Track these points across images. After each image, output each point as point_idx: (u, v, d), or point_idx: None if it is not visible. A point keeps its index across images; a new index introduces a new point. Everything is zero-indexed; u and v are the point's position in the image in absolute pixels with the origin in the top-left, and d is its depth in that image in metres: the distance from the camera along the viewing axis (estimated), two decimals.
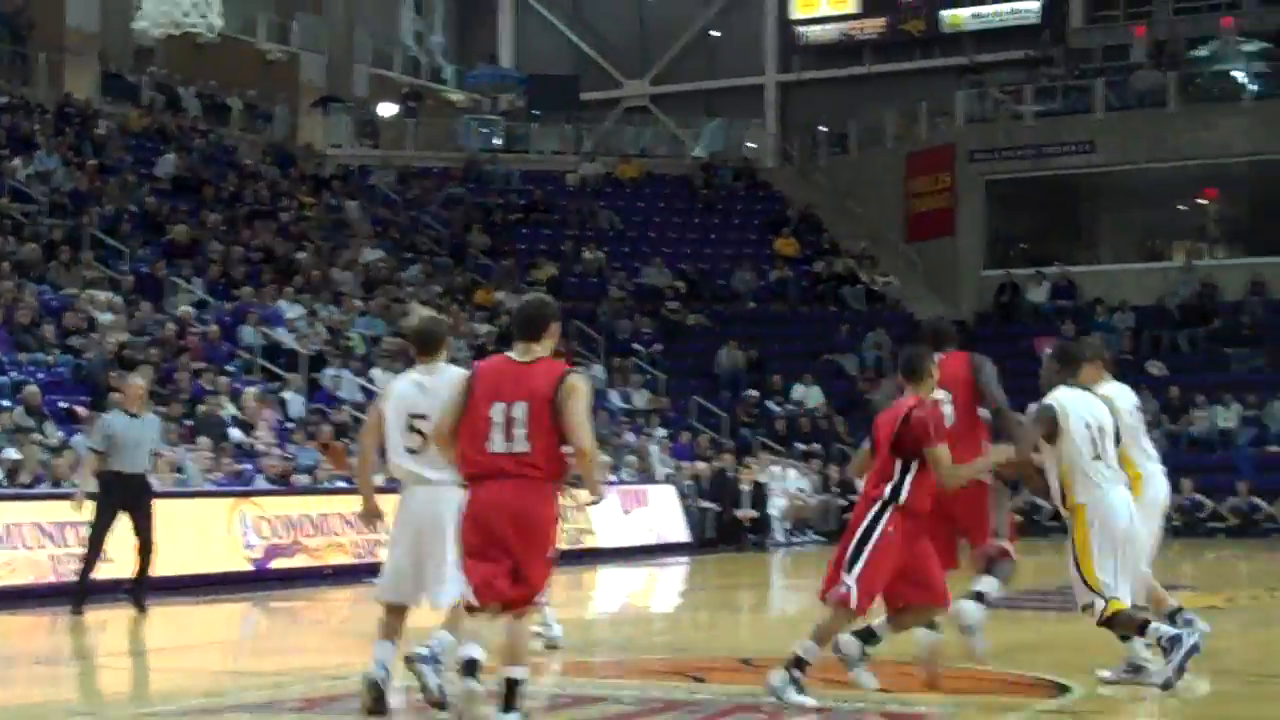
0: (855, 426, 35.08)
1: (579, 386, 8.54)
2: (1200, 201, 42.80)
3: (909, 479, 9.48)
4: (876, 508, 9.53)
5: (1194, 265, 39.99)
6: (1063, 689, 9.98)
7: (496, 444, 8.35)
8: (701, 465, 29.32)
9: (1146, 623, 9.71)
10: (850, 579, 9.51)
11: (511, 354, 8.66)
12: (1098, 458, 9.74)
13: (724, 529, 28.34)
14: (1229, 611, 15.67)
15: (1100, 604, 9.60)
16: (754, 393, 34.85)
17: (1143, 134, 40.18)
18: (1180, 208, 43.21)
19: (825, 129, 47.12)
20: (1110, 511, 9.69)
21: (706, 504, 28.34)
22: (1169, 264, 40.94)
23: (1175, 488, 31.52)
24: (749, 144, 48.36)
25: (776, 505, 29.34)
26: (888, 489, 9.50)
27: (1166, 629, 9.63)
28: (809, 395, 35.32)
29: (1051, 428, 9.79)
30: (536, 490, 8.36)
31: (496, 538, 8.29)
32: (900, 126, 44.84)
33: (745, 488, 28.59)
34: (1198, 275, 39.34)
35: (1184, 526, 30.40)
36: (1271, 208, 41.65)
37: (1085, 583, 9.67)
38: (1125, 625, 9.69)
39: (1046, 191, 42.51)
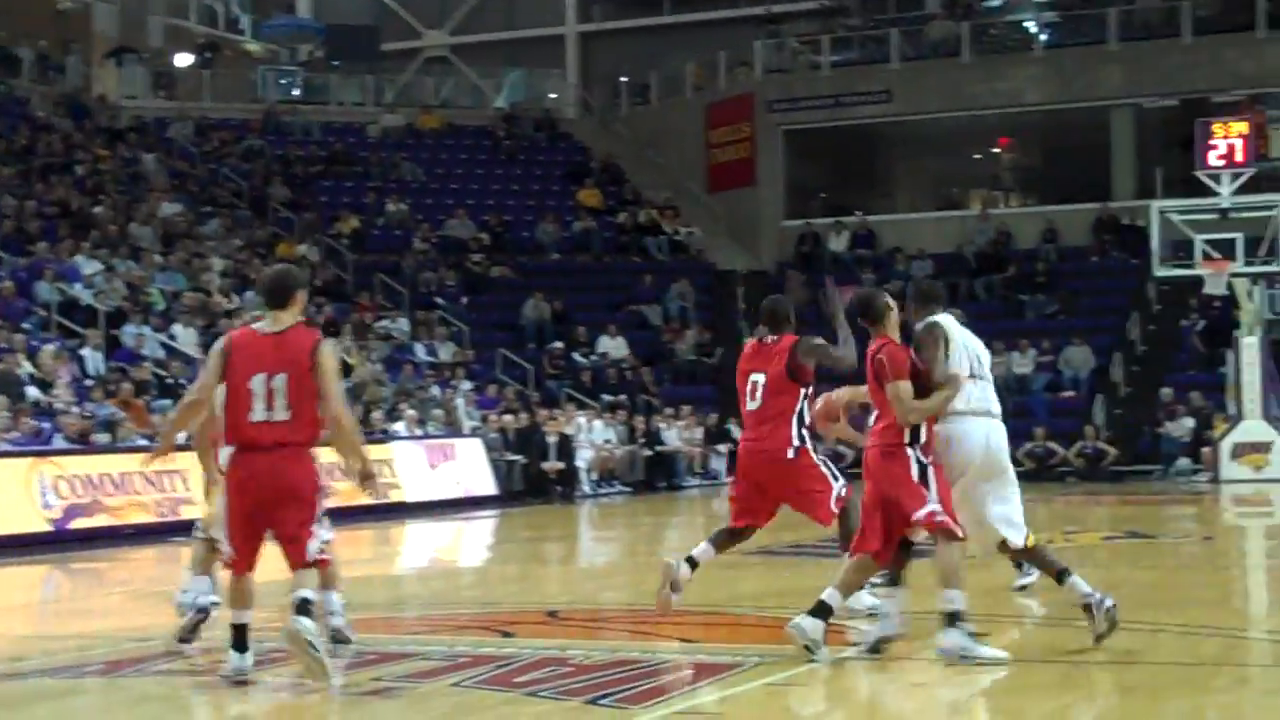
0: (661, 377, 35.37)
1: (330, 355, 8.76)
2: (995, 151, 43.59)
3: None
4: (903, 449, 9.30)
5: (989, 213, 40.74)
6: (861, 635, 10.14)
7: (258, 414, 8.62)
8: (508, 418, 29.31)
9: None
10: (939, 509, 9.16)
11: (260, 324, 8.92)
12: (974, 378, 9.60)
13: (531, 481, 28.39)
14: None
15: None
16: (559, 345, 34.92)
17: (938, 84, 40.77)
18: (975, 157, 43.98)
19: (626, 79, 47.19)
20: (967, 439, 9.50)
21: (513, 457, 28.35)
22: (965, 212, 41.65)
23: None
24: (550, 94, 48.28)
25: (583, 457, 29.45)
26: (907, 433, 9.35)
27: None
28: (614, 346, 35.46)
29: (944, 344, 9.45)
30: (298, 458, 8.69)
31: (262, 506, 8.66)
32: (700, 77, 45.02)
33: (552, 440, 28.65)
34: (993, 223, 40.07)
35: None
36: (1063, 156, 42.60)
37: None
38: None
39: (845, 141, 43.00)
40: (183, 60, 46.22)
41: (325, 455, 8.84)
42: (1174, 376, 33.53)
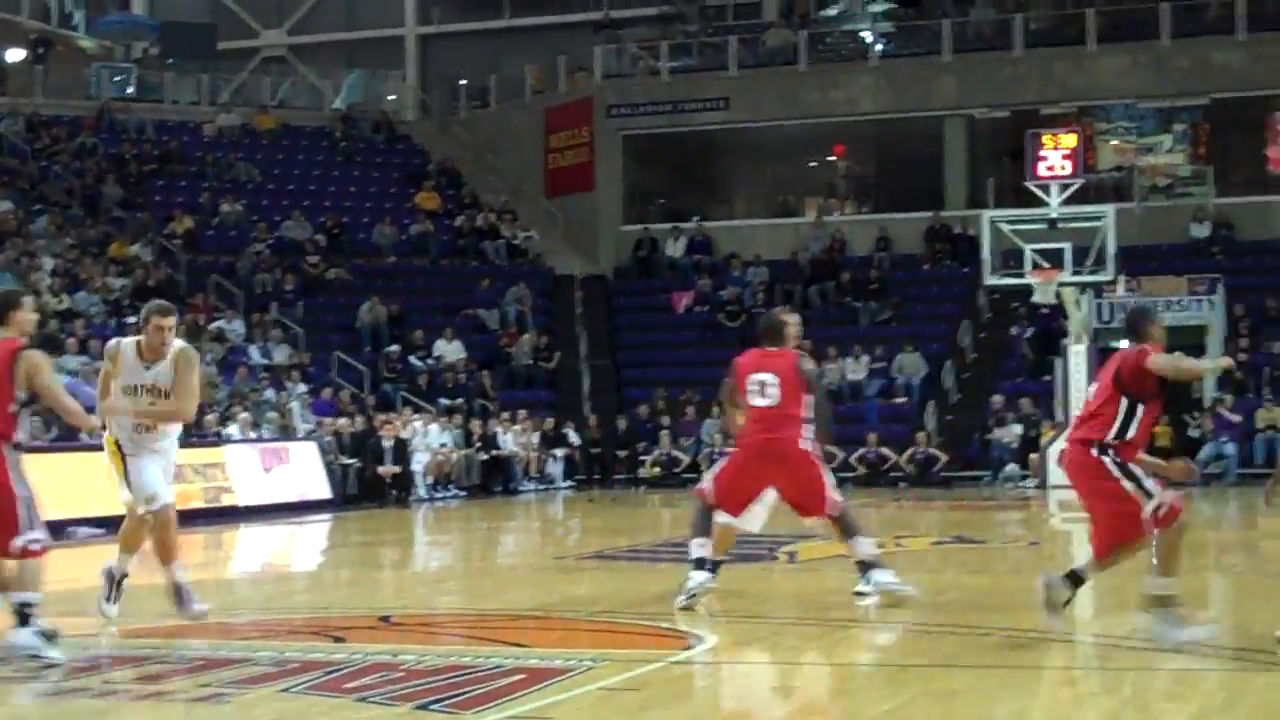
0: (498, 381, 35.32)
1: (32, 360, 9.66)
2: (830, 159, 44.02)
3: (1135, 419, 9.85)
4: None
5: (824, 221, 41.15)
6: (695, 639, 10.24)
7: None
8: (343, 421, 29.14)
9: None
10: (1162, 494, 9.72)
11: None
12: None
13: (366, 485, 28.23)
14: None
15: None
16: (395, 348, 34.73)
17: (774, 92, 41.15)
18: (811, 164, 44.39)
19: (465, 82, 47.11)
20: None
21: (348, 460, 28.18)
22: (801, 219, 42.03)
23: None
24: (389, 96, 48.07)
25: (419, 461, 29.35)
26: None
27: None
28: (450, 350, 35.34)
29: None
30: None
31: None
32: (539, 80, 45.05)
33: (387, 444, 28.50)
34: (828, 230, 40.49)
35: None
36: (897, 165, 43.14)
37: None
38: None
39: (683, 147, 43.27)
40: (14, 55, 45.45)
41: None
42: (1003, 384, 34.09)
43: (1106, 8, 40.44)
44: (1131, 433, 9.71)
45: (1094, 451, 9.70)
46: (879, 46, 42.33)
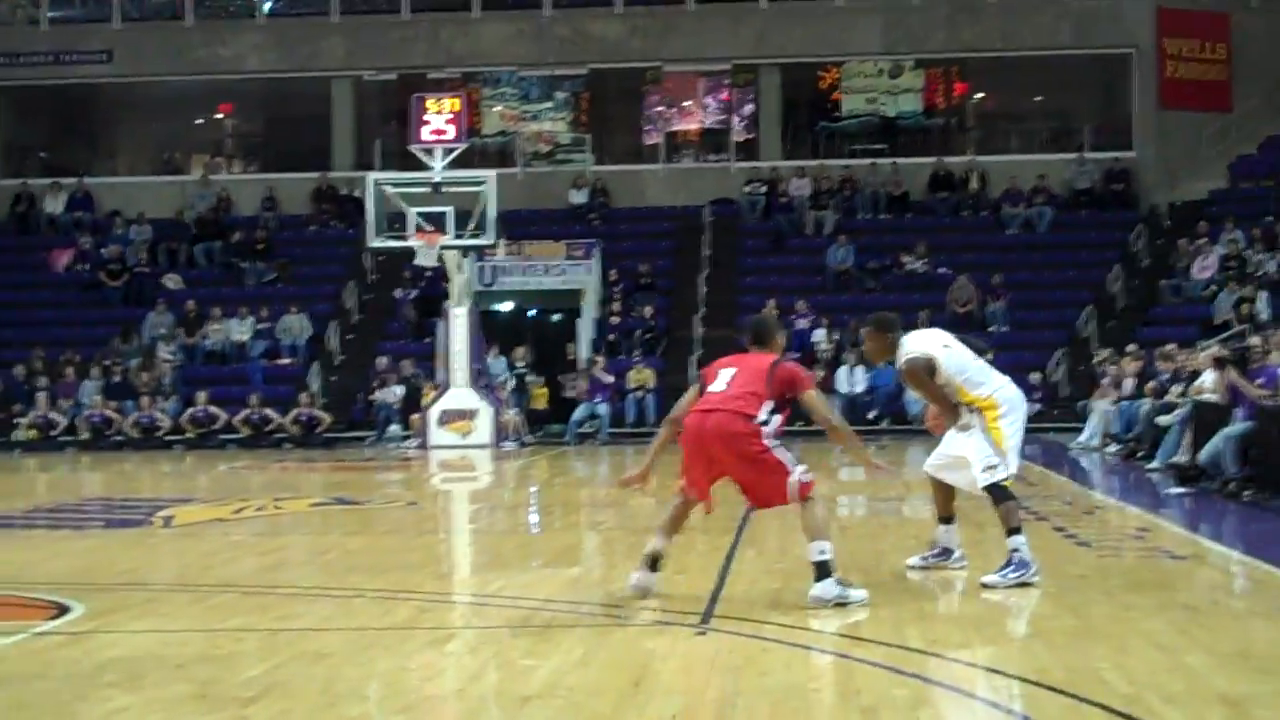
0: None
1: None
2: (217, 116, 43.44)
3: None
4: None
5: (211, 179, 40.62)
6: (62, 609, 10.09)
7: None
8: None
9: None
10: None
11: None
12: None
13: None
14: (237, 522, 16.25)
15: None
16: None
17: (160, 46, 40.37)
18: (198, 122, 43.70)
19: None
20: None
21: None
22: (186, 178, 41.36)
23: (190, 400, 32.22)
24: None
25: None
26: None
27: None
28: None
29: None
30: None
31: None
32: None
33: None
34: (214, 189, 40.01)
35: (197, 439, 31.14)
36: (285, 125, 42.95)
37: None
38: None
39: (65, 100, 41.96)
40: None
41: None
42: (387, 345, 34.52)
43: None
44: (771, 426, 10.08)
45: (747, 422, 10.00)
46: (267, 5, 42.00)
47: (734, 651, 8.36)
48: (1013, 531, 10.60)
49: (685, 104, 41.29)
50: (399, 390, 32.05)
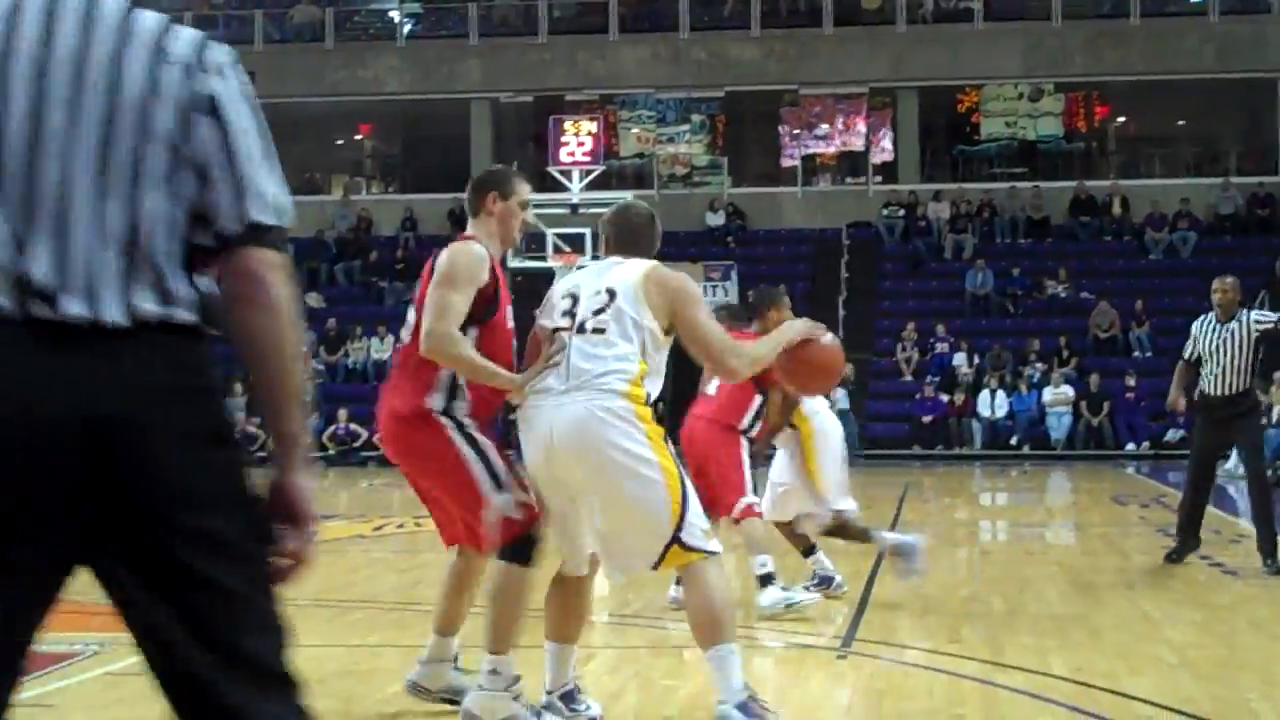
0: None
1: None
2: (357, 137, 43.91)
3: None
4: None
5: (351, 199, 41.05)
6: None
7: None
8: None
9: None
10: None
11: None
12: None
13: None
14: (378, 539, 16.37)
15: None
16: None
17: (301, 68, 40.82)
18: (338, 142, 44.19)
19: None
20: None
21: None
22: (327, 197, 41.81)
23: (332, 417, 32.43)
24: None
25: None
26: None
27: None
28: None
29: None
30: None
31: None
32: None
33: None
34: (355, 209, 40.42)
35: (338, 456, 31.40)
36: (421, 146, 43.30)
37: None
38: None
39: None
40: None
41: None
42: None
43: None
44: (757, 426, 10.10)
45: (726, 431, 10.07)
46: (407, 28, 42.43)
47: (875, 676, 8.28)
48: (810, 551, 11.07)
49: (822, 127, 41.17)
50: None
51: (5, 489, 2.98)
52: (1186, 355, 13.16)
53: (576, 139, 30.54)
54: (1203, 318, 13.24)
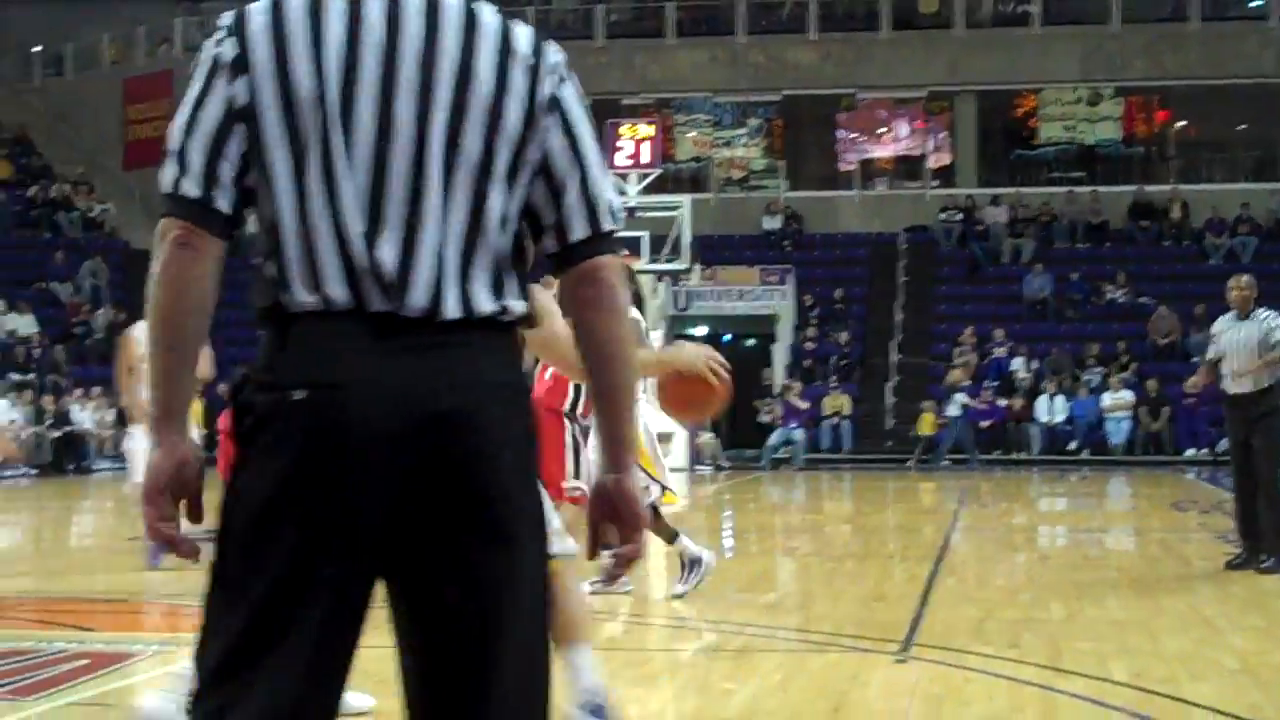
0: (72, 357, 34.39)
1: None
2: None
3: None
4: None
5: None
6: None
7: None
8: None
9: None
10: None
11: None
12: None
13: None
14: None
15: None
16: None
17: None
18: None
19: (40, 48, 45.62)
20: None
21: None
22: None
23: None
24: None
25: None
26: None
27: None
28: (23, 324, 34.28)
29: None
30: None
31: None
32: (117, 51, 43.96)
33: None
34: None
35: None
36: None
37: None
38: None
39: None
40: None
41: None
42: None
43: (685, 3, 41.44)
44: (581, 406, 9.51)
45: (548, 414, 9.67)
46: None
47: (935, 680, 8.26)
48: (673, 538, 11.12)
49: (879, 131, 41.10)
50: None
51: (337, 490, 2.91)
52: (1209, 354, 13.12)
53: (634, 142, 30.52)
54: (1224, 316, 13.20)
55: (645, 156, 30.47)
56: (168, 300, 3.02)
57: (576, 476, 7.08)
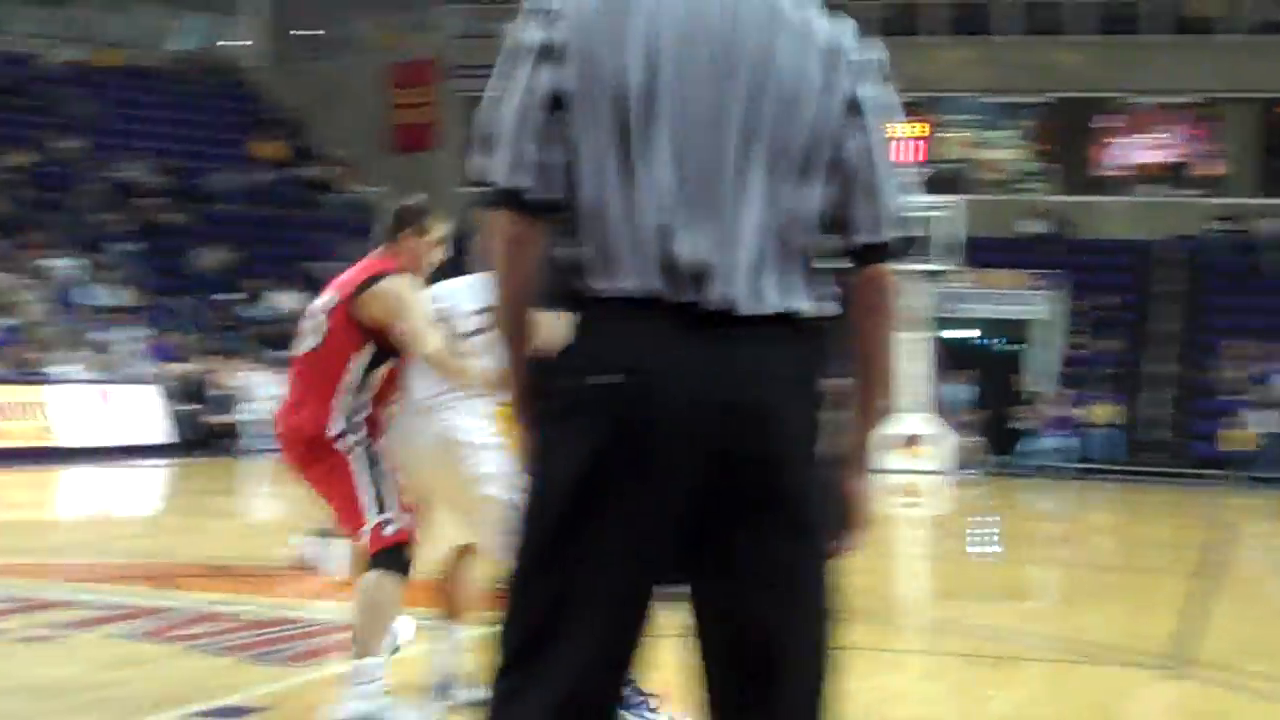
0: None
1: None
2: None
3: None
4: None
5: None
6: None
7: None
8: (173, 367, 28.80)
9: None
10: None
11: None
12: None
13: (197, 433, 27.95)
14: None
15: None
16: (233, 295, 34.35)
17: None
18: None
19: (309, 32, 46.57)
20: None
21: (180, 407, 27.86)
22: None
23: None
24: (233, 41, 47.41)
25: (250, 411, 29.07)
26: None
27: None
28: (288, 301, 35.00)
29: None
30: None
31: None
32: (386, 36, 44.71)
33: (219, 392, 28.22)
34: None
35: None
36: None
37: None
38: None
39: None
40: None
41: None
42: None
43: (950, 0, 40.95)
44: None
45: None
46: None
47: (1206, 699, 8.01)
48: None
49: (1148, 136, 40.19)
50: None
51: (644, 476, 2.91)
52: None
53: (905, 141, 30.23)
54: None
55: (911, 155, 30.18)
56: (510, 295, 3.09)
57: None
